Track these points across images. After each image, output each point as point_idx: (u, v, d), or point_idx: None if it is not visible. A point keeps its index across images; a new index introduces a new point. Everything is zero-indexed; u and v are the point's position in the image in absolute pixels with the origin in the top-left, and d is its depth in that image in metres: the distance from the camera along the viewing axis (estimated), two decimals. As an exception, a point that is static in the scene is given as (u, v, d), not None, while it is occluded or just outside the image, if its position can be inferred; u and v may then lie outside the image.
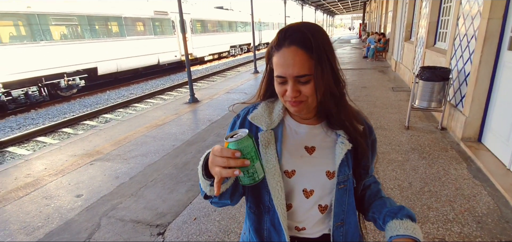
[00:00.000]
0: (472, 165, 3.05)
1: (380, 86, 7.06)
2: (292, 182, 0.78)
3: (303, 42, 0.67)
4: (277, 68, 0.69)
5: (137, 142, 4.34)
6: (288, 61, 0.67)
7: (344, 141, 0.77)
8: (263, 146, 0.77)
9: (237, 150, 0.60)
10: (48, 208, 2.78)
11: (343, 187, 0.78)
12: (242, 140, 0.60)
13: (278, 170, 0.76)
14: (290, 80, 0.68)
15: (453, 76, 3.93)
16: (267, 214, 0.80)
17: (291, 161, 0.78)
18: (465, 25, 3.69)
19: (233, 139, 0.61)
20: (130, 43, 11.68)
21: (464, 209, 2.38)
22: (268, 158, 0.77)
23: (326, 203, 0.80)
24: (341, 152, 0.76)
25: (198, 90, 8.06)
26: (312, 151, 0.79)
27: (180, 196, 2.85)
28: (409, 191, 2.67)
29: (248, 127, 0.80)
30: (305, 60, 0.66)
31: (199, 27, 16.56)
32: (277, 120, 0.80)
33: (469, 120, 3.41)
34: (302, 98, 0.70)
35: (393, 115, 4.83)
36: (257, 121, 0.80)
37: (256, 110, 0.82)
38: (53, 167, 3.65)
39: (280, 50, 0.68)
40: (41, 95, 8.91)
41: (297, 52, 0.66)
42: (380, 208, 0.82)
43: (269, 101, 0.84)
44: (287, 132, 0.81)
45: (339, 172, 0.76)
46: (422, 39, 5.94)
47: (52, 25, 9.02)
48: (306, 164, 0.78)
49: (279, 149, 0.78)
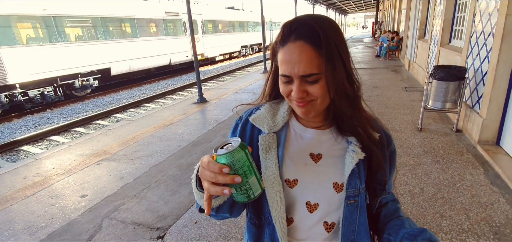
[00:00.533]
0: (489, 171, 2.86)
1: (392, 85, 6.84)
2: (294, 193, 0.69)
3: (311, 36, 0.58)
4: (282, 65, 0.62)
5: (144, 142, 4.35)
6: (294, 58, 0.59)
7: (355, 150, 0.67)
8: (263, 151, 0.69)
9: (225, 165, 0.51)
10: (53, 208, 2.80)
11: (353, 202, 0.68)
12: (233, 153, 0.52)
13: (277, 179, 0.67)
14: (296, 80, 0.60)
15: (469, 76, 3.72)
16: (267, 228, 0.71)
17: (294, 169, 0.69)
18: (482, 22, 3.48)
19: (222, 152, 0.53)
20: (142, 43, 11.85)
21: (480, 218, 2.22)
22: (268, 164, 0.68)
23: (333, 221, 0.70)
24: (352, 161, 0.66)
25: (207, 90, 8.06)
26: (318, 159, 0.70)
27: (182, 198, 2.82)
28: (420, 198, 2.52)
29: (250, 130, 0.74)
30: (313, 57, 0.58)
31: (210, 28, 16.64)
32: (281, 123, 0.72)
33: (486, 122, 3.21)
34: (310, 98, 0.62)
35: (405, 116, 4.64)
36: (259, 123, 0.73)
37: (259, 111, 0.75)
38: (61, 166, 3.71)
39: (285, 46, 0.61)
40: (57, 95, 9.16)
41: (304, 47, 0.58)
42: (397, 229, 0.70)
43: (274, 102, 0.77)
44: (291, 136, 0.73)
45: (348, 184, 0.67)
46: (437, 37, 5.70)
47: (67, 27, 9.26)
48: (310, 174, 0.69)
49: (281, 154, 0.70)
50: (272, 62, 0.71)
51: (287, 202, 0.69)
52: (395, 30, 13.28)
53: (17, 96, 8.07)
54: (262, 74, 10.59)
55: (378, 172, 0.71)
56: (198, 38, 14.73)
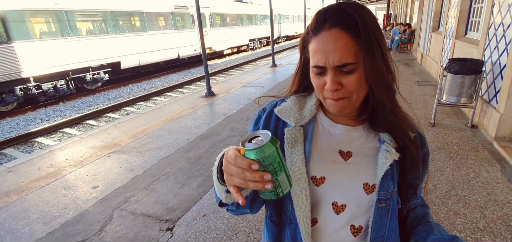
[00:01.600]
0: (506, 168, 2.76)
1: (404, 79, 6.68)
2: (320, 192, 0.64)
3: (347, 23, 0.55)
4: (315, 56, 0.58)
5: (153, 135, 4.39)
6: (329, 46, 0.55)
7: (389, 149, 0.62)
8: (289, 145, 0.65)
9: (255, 161, 0.47)
10: (66, 199, 2.87)
11: (385, 206, 0.63)
12: (263, 148, 0.47)
13: (304, 175, 0.63)
14: (330, 71, 0.56)
15: (486, 69, 3.59)
16: (288, 227, 0.67)
17: (321, 166, 0.65)
18: (501, 12, 3.34)
19: (251, 146, 0.48)
20: (151, 37, 11.90)
21: (496, 217, 2.15)
22: (294, 159, 0.64)
23: (360, 224, 0.64)
24: (386, 162, 0.61)
25: (215, 84, 8.06)
26: (348, 157, 0.65)
27: (191, 191, 2.83)
28: (433, 195, 2.46)
29: (275, 122, 0.70)
30: (350, 45, 0.54)
31: (219, 21, 16.57)
32: (309, 116, 0.68)
33: (504, 117, 3.09)
34: (345, 93, 0.58)
35: (417, 111, 4.53)
36: (284, 115, 0.68)
37: (285, 103, 0.70)
38: (73, 158, 3.78)
39: (318, 35, 0.57)
40: (69, 89, 9.33)
41: (340, 35, 0.54)
42: (425, 235, 0.66)
43: (300, 95, 0.73)
44: (320, 131, 0.68)
45: (381, 186, 0.62)
46: (452, 29, 5.51)
47: (78, 21, 9.38)
48: (339, 172, 0.64)
49: (308, 150, 0.65)
50: (302, 54, 0.67)
51: (312, 201, 0.64)
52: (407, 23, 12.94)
53: (31, 90, 8.24)
54: (270, 68, 10.51)
55: (410, 173, 0.67)
56: (206, 32, 14.69)
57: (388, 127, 0.64)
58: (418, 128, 0.71)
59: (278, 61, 11.99)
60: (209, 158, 3.48)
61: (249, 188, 0.48)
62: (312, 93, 0.71)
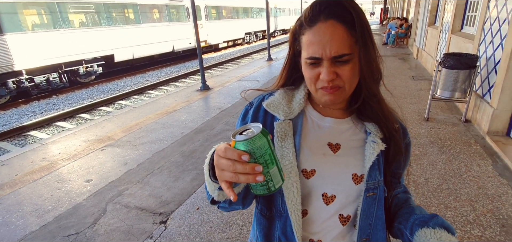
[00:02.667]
0: (498, 162, 2.80)
1: (399, 74, 6.70)
2: (310, 184, 0.66)
3: (343, 16, 0.56)
4: (310, 47, 0.58)
5: (147, 128, 4.35)
6: (325, 38, 0.55)
7: (376, 140, 0.64)
8: (278, 139, 0.65)
9: (245, 152, 0.46)
10: (59, 192, 2.85)
11: (373, 195, 0.65)
12: (254, 139, 0.46)
13: (295, 169, 0.63)
14: (326, 61, 0.57)
15: (480, 64, 3.61)
16: (279, 220, 0.68)
17: (311, 159, 0.66)
18: (497, 7, 3.34)
19: (241, 138, 0.47)
20: (145, 30, 11.75)
21: (486, 210, 2.18)
22: (284, 153, 0.64)
23: (348, 213, 0.67)
24: (373, 152, 0.63)
25: (210, 78, 8.02)
26: (336, 149, 0.67)
27: (185, 184, 2.82)
28: (425, 188, 2.49)
29: (263, 116, 0.69)
30: (346, 37, 0.56)
31: (214, 14, 16.39)
32: (297, 110, 0.68)
33: (497, 112, 3.12)
34: (339, 83, 0.59)
35: (412, 105, 4.56)
36: (273, 109, 0.68)
37: (273, 97, 0.70)
38: (67, 151, 3.74)
39: (314, 26, 0.57)
40: (62, 82, 9.19)
41: (336, 27, 0.55)
42: (407, 217, 0.68)
43: (288, 89, 0.73)
44: (308, 124, 0.69)
45: (369, 176, 0.64)
46: (448, 23, 5.53)
47: (71, 12, 9.21)
48: (328, 164, 0.66)
49: (298, 143, 0.66)
50: (292, 46, 0.66)
51: (303, 193, 0.65)
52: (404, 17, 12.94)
53: (24, 82, 8.11)
54: (266, 62, 10.47)
55: (394, 164, 0.69)
56: (201, 25, 14.53)
57: (375, 117, 0.66)
58: (400, 121, 0.73)
59: (274, 55, 11.94)
60: (203, 151, 3.47)
61: (240, 181, 0.46)
62: (300, 86, 0.72)
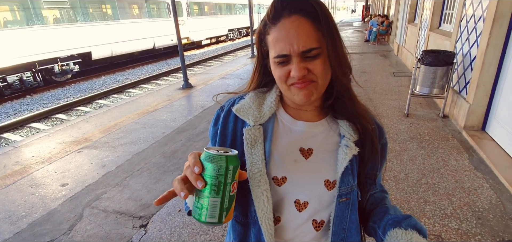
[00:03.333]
0: (474, 156, 2.89)
1: (380, 71, 6.84)
2: (282, 192, 0.63)
3: (306, 9, 0.54)
4: (276, 45, 0.56)
5: (126, 129, 4.20)
6: (291, 33, 0.54)
7: (349, 144, 0.62)
8: (248, 146, 0.63)
9: (199, 163, 0.48)
10: (33, 197, 2.71)
11: (345, 200, 0.64)
12: (215, 157, 0.47)
13: (264, 177, 0.61)
14: (295, 57, 0.55)
15: (457, 61, 3.72)
16: (253, 227, 0.66)
17: (282, 165, 0.64)
18: (473, 5, 3.45)
19: (209, 151, 0.49)
20: (124, 26, 11.37)
21: (463, 204, 2.25)
22: (254, 160, 0.62)
23: (322, 218, 0.65)
24: (345, 157, 0.61)
25: (193, 75, 7.88)
26: (308, 155, 0.64)
27: (166, 186, 2.74)
28: (405, 183, 2.53)
29: (233, 122, 0.68)
30: (311, 30, 0.54)
31: (196, 10, 16.12)
32: (268, 114, 0.66)
33: (473, 108, 3.23)
34: (312, 77, 0.57)
35: (392, 101, 4.65)
36: (243, 114, 0.66)
37: (243, 101, 0.68)
38: (40, 155, 3.56)
39: (278, 23, 0.55)
40: (36, 81, 8.77)
41: (301, 21, 0.54)
42: (381, 216, 0.67)
43: (260, 91, 0.70)
44: (280, 129, 0.66)
45: (341, 182, 0.62)
46: (427, 21, 5.68)
47: (45, 9, 8.77)
48: (300, 171, 0.63)
49: (268, 149, 0.63)
50: (259, 49, 0.63)
51: (275, 200, 0.64)
52: (385, 14, 13.24)
53: (-5, 82, 7.68)
54: (250, 59, 10.42)
55: (368, 164, 0.67)
56: (182, 21, 14.26)
57: (348, 114, 0.64)
58: (376, 121, 0.71)
59: (258, 51, 11.90)
60: (185, 152, 3.39)
61: (177, 191, 0.49)
62: (272, 88, 0.69)
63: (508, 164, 2.60)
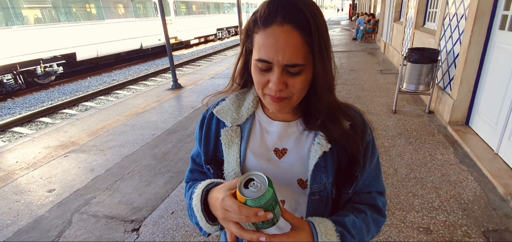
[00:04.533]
0: (459, 150, 2.99)
1: (368, 68, 6.96)
2: None
3: (300, 22, 0.51)
4: (262, 49, 0.53)
5: (115, 131, 4.12)
6: (279, 43, 0.51)
7: (320, 141, 0.62)
8: (225, 146, 0.65)
9: (259, 208, 0.50)
10: (18, 205, 2.62)
11: (318, 198, 0.64)
12: (265, 195, 0.50)
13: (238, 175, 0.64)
14: (277, 68, 0.53)
15: (441, 58, 3.84)
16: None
17: (256, 165, 0.65)
18: (455, 4, 3.56)
19: (252, 195, 0.50)
20: (110, 26, 11.12)
21: (449, 196, 2.32)
22: (229, 160, 0.64)
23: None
24: (315, 155, 0.61)
25: (182, 76, 7.79)
26: (282, 155, 0.65)
27: (158, 188, 2.71)
28: (394, 178, 2.59)
29: (216, 123, 0.70)
30: (301, 45, 0.52)
31: (184, 9, 15.94)
32: (246, 115, 0.68)
33: (457, 103, 3.33)
34: (288, 93, 0.56)
35: (380, 98, 4.75)
36: (222, 115, 0.68)
37: (224, 102, 0.70)
38: (25, 160, 3.44)
39: (268, 28, 0.52)
40: (17, 83, 8.46)
41: (292, 34, 0.51)
42: (337, 215, 0.65)
43: (240, 92, 0.70)
44: (256, 129, 0.68)
45: (312, 180, 0.61)
46: (412, 19, 5.82)
47: (25, 8, 8.46)
48: (273, 170, 0.64)
49: (243, 149, 0.66)
50: (245, 43, 0.61)
51: None
52: (371, 13, 13.47)
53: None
54: (240, 58, 10.39)
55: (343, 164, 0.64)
56: (170, 20, 14.07)
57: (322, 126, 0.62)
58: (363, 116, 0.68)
59: (247, 51, 11.88)
60: (176, 153, 3.35)
61: (256, 239, 0.53)
62: (251, 89, 0.69)
63: (491, 156, 2.71)
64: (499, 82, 2.76)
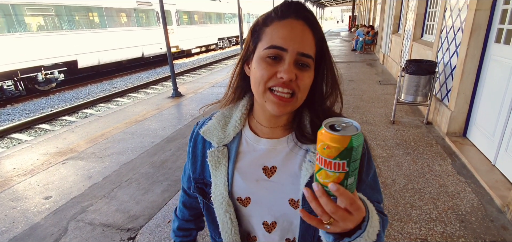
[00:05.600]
0: (456, 161, 2.99)
1: (367, 79, 7.01)
2: (249, 213, 0.63)
3: (313, 24, 0.56)
4: (275, 36, 0.54)
5: (114, 139, 4.13)
6: (295, 32, 0.53)
7: (312, 159, 0.59)
8: (212, 168, 0.63)
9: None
10: (14, 211, 2.60)
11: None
12: (359, 135, 0.40)
13: (226, 199, 0.61)
14: (290, 56, 0.53)
15: (439, 70, 3.87)
16: None
17: (244, 186, 0.62)
18: (452, 17, 3.61)
19: (354, 132, 0.39)
20: (111, 34, 11.23)
21: (447, 207, 2.32)
22: (217, 182, 0.62)
23: (294, 236, 0.63)
24: (307, 174, 0.58)
25: (182, 84, 7.83)
26: (272, 173, 0.62)
27: (155, 197, 2.70)
28: (392, 189, 2.59)
29: (202, 143, 0.68)
30: (312, 41, 0.55)
31: (186, 19, 16.14)
32: (233, 133, 0.65)
33: (454, 115, 3.35)
34: (295, 88, 0.55)
35: (379, 109, 4.77)
36: (209, 135, 0.66)
37: (210, 122, 0.67)
38: (22, 167, 3.43)
39: (284, 20, 0.55)
40: (17, 90, 8.49)
41: (306, 29, 0.55)
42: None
43: (227, 109, 0.69)
44: (243, 148, 0.65)
45: (304, 200, 0.58)
46: (410, 31, 5.88)
47: (28, 15, 8.56)
48: (263, 190, 0.62)
49: (231, 170, 0.63)
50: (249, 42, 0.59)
51: (246, 221, 0.64)
52: (370, 25, 13.62)
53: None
54: (240, 67, 10.46)
55: None
56: (172, 30, 14.24)
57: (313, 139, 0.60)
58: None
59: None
60: (175, 161, 3.35)
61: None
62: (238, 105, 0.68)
63: (488, 168, 2.71)
64: (496, 94, 2.78)
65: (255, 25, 0.59)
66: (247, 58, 0.61)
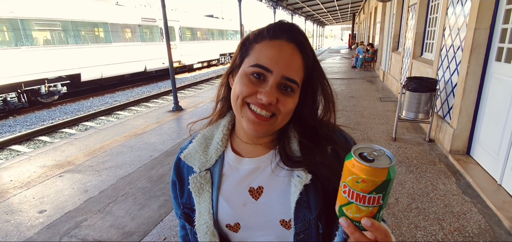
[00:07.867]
0: (461, 180, 2.92)
1: (368, 96, 7.00)
2: (241, 238, 0.60)
3: (305, 49, 0.54)
4: (262, 55, 0.52)
5: (112, 152, 4.08)
6: (283, 55, 0.52)
7: (300, 174, 0.55)
8: (195, 194, 0.59)
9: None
10: (8, 225, 2.55)
11: (304, 237, 0.57)
12: (394, 166, 0.37)
13: (211, 229, 0.57)
14: (275, 78, 0.51)
15: (440, 87, 3.85)
16: None
17: (231, 212, 0.58)
18: (451, 36, 3.63)
19: (387, 163, 0.37)
20: (115, 49, 11.41)
21: (453, 229, 2.23)
22: (201, 210, 0.58)
23: None
24: (296, 191, 0.54)
25: (183, 98, 7.85)
26: (259, 195, 0.58)
27: (151, 212, 2.63)
28: (395, 208, 2.51)
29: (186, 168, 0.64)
30: (300, 66, 0.54)
31: (188, 35, 16.44)
32: (215, 156, 0.61)
33: (457, 132, 3.30)
34: (275, 110, 0.52)
35: (380, 125, 4.73)
36: (190, 160, 0.62)
37: (191, 145, 0.64)
38: (19, 179, 3.39)
39: (275, 40, 0.53)
40: (20, 102, 8.54)
41: (296, 53, 0.53)
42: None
43: (208, 129, 0.65)
44: (226, 170, 0.61)
45: (296, 219, 0.55)
46: (409, 49, 5.92)
47: (35, 30, 8.74)
48: (251, 214, 0.58)
49: (214, 196, 0.59)
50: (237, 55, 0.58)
51: None
52: (370, 43, 13.77)
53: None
54: (241, 83, 10.52)
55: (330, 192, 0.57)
56: (175, 45, 14.47)
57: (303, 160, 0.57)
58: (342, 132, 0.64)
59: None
60: (173, 176, 3.29)
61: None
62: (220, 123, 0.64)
63: (494, 188, 2.63)
64: (499, 112, 2.75)
65: (245, 39, 0.58)
66: (232, 71, 0.59)
